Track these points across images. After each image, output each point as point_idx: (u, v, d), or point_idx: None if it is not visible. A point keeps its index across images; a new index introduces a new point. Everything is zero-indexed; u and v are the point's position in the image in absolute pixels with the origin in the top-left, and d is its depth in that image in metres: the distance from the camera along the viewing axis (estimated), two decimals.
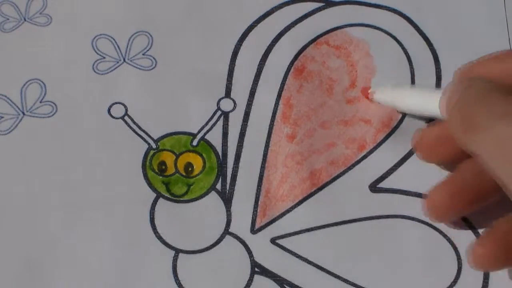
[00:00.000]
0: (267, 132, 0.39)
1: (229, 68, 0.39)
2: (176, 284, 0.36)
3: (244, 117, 0.39)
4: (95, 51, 0.40)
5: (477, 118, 0.30)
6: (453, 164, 0.35)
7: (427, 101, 0.35)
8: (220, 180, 0.38)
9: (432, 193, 0.34)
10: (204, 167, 0.38)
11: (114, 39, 0.40)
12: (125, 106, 0.39)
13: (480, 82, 0.31)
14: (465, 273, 0.36)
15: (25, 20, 0.41)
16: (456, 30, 0.40)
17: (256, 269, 0.36)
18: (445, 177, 0.35)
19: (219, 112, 0.39)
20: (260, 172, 0.38)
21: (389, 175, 0.38)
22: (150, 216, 0.37)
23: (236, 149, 0.38)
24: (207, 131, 0.38)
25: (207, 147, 0.38)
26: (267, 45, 0.40)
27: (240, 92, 0.39)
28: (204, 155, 0.38)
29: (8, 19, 0.41)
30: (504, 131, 0.29)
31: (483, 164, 0.30)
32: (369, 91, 0.38)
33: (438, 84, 0.39)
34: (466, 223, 0.37)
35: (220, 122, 0.39)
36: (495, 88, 0.31)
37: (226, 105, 0.39)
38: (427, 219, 0.37)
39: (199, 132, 0.38)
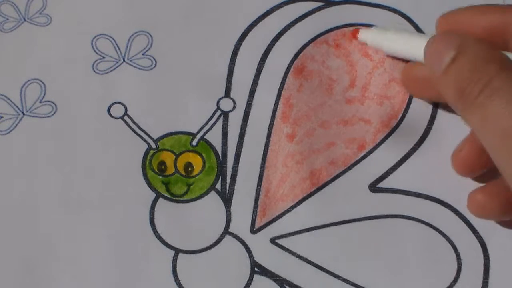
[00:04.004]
0: (267, 131, 0.39)
1: (229, 68, 0.39)
2: (176, 284, 0.36)
3: (244, 116, 0.39)
4: (95, 51, 0.40)
5: (473, 92, 0.30)
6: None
7: (412, 47, 0.35)
8: (220, 180, 0.38)
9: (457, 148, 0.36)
10: (204, 167, 0.38)
11: (114, 39, 0.40)
12: (125, 106, 0.39)
13: (475, 47, 0.31)
14: (465, 273, 0.36)
15: (25, 20, 0.41)
16: None
17: (256, 269, 0.36)
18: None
19: (218, 112, 0.39)
20: (260, 171, 0.38)
21: (389, 175, 0.38)
22: (150, 216, 0.37)
23: (236, 149, 0.38)
24: (207, 131, 0.38)
25: (207, 147, 0.38)
26: (267, 44, 0.40)
27: (240, 92, 0.39)
28: (204, 155, 0.38)
29: (8, 19, 0.41)
30: (497, 108, 0.29)
31: (474, 132, 0.31)
32: (358, 32, 0.39)
33: None
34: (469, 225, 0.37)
35: (220, 122, 0.39)
36: (492, 58, 0.30)
37: (226, 105, 0.39)
38: (427, 219, 0.37)
39: (198, 132, 0.38)
